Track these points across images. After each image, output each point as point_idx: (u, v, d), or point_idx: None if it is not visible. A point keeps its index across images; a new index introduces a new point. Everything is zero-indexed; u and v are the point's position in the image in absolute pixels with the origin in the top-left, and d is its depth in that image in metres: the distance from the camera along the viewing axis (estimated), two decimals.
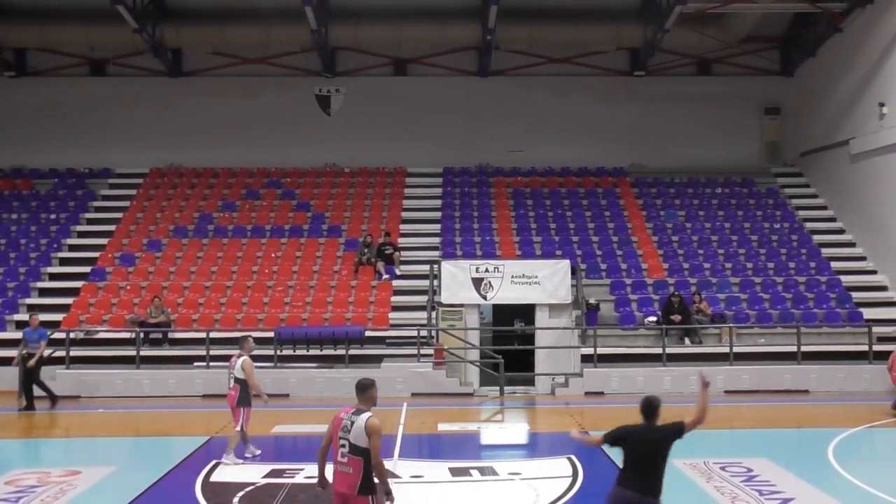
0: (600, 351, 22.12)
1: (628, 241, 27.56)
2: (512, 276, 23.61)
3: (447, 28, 29.37)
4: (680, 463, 13.60)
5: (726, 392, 21.68)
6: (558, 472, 13.36)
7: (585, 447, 15.21)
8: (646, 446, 8.40)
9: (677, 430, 8.59)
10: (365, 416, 8.15)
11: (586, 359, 22.25)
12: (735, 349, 22.38)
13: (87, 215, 29.11)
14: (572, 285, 23.80)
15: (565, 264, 23.91)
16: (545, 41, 30.17)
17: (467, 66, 31.48)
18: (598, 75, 31.50)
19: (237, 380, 14.17)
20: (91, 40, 29.67)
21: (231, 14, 28.93)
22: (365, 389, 8.47)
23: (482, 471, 13.78)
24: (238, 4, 28.84)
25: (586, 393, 21.77)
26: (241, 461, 14.10)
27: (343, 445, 8.14)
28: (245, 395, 14.13)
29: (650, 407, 8.63)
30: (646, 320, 23.72)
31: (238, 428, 14.09)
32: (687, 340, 23.34)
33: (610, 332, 23.41)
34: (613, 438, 8.55)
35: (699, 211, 29.48)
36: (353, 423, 8.15)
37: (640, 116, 31.31)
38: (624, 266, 26.35)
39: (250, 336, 14.87)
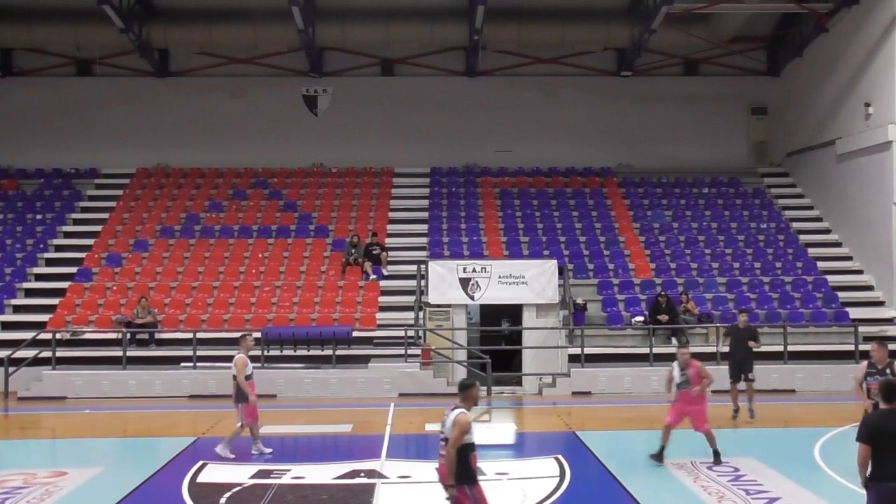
0: (587, 351, 22.16)
1: (615, 241, 27.62)
2: (499, 277, 23.62)
3: (435, 28, 29.35)
4: (667, 462, 13.65)
5: (713, 392, 21.68)
6: (545, 472, 13.37)
7: (573, 449, 15.30)
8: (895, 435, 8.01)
9: None
10: (457, 411, 8.79)
11: (574, 359, 22.29)
12: (722, 349, 22.41)
13: (74, 215, 29.00)
14: (559, 285, 23.84)
15: (552, 264, 23.94)
16: (533, 41, 30.19)
17: (455, 66, 31.48)
18: (585, 75, 31.55)
19: (233, 376, 14.65)
20: (78, 40, 29.53)
21: (218, 14, 28.85)
22: (463, 389, 9.12)
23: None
24: (225, 4, 28.76)
25: (573, 393, 21.81)
26: (232, 456, 14.30)
27: (442, 439, 8.84)
28: (239, 391, 14.53)
29: (894, 390, 8.31)
30: (633, 320, 23.79)
31: (238, 424, 14.47)
32: (674, 340, 23.35)
33: (597, 332, 23.47)
34: (870, 437, 8.06)
35: (686, 211, 29.56)
36: (447, 417, 8.83)
37: (628, 116, 31.38)
38: (611, 266, 26.40)
39: (249, 335, 15.29)
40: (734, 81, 31.79)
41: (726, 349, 22.15)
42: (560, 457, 14.16)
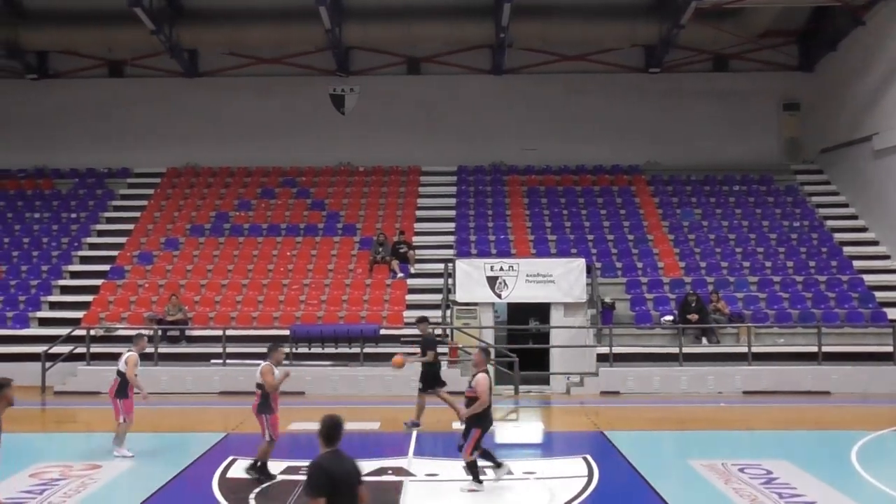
0: (616, 350, 22.05)
1: (644, 239, 27.45)
2: (527, 275, 23.56)
3: (461, 26, 29.31)
4: (697, 464, 13.55)
5: (745, 393, 21.54)
6: (573, 471, 13.32)
7: (601, 449, 15.21)
8: (348, 479, 6.98)
9: (360, 472, 7.14)
10: None
11: (602, 358, 22.19)
12: (753, 349, 22.25)
13: (107, 214, 29.30)
14: (587, 284, 23.73)
15: (580, 263, 23.85)
16: (559, 39, 30.09)
17: (481, 64, 31.42)
18: (612, 72, 31.37)
19: (118, 371, 14.99)
20: (109, 42, 29.81)
21: (246, 14, 28.99)
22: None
23: (495, 470, 13.74)
24: (253, 5, 28.91)
25: (602, 392, 21.71)
26: (130, 454, 14.46)
27: None
28: (121, 387, 14.85)
29: (339, 430, 7.12)
30: (662, 319, 23.64)
31: (121, 419, 14.74)
32: (704, 340, 23.23)
33: (625, 331, 23.33)
34: (322, 488, 6.78)
35: (716, 209, 29.31)
36: None
37: (656, 114, 31.13)
38: (640, 265, 26.25)
39: (143, 336, 16.24)
40: (765, 77, 31.46)
41: (727, 349, 22.19)
42: (588, 456, 14.09)
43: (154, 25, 27.12)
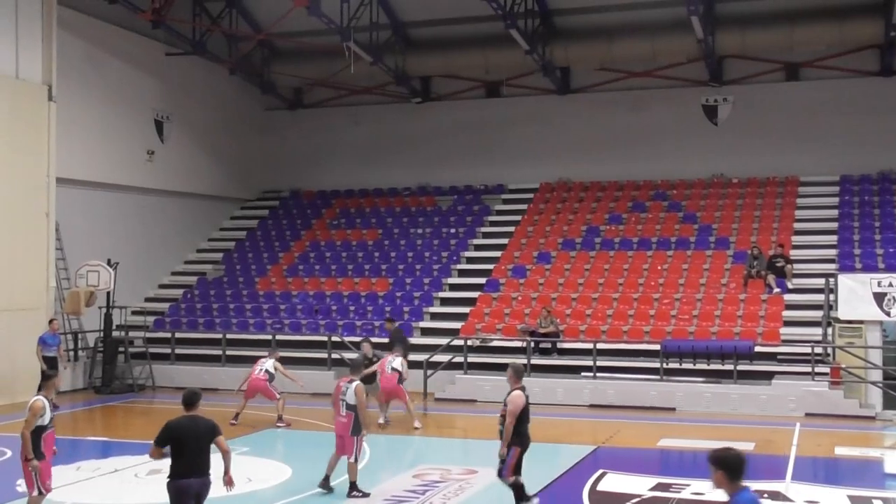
0: None
1: None
2: None
3: (844, 27, 27.38)
4: None
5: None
6: None
7: None
8: (197, 436, 9.33)
9: (216, 430, 9.48)
10: (34, 398, 10.75)
11: None
12: None
13: (483, 229, 30.89)
14: None
15: None
16: None
17: (867, 65, 29.12)
18: None
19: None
20: (486, 64, 31.38)
21: (617, 29, 29.24)
22: (46, 379, 11.62)
23: (886, 502, 12.77)
24: (623, 19, 29.12)
25: None
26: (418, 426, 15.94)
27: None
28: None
29: (193, 398, 9.56)
30: None
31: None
32: None
33: None
34: (164, 439, 9.31)
35: None
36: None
37: None
38: None
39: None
40: None
41: None
42: None
43: (528, 45, 28.27)
